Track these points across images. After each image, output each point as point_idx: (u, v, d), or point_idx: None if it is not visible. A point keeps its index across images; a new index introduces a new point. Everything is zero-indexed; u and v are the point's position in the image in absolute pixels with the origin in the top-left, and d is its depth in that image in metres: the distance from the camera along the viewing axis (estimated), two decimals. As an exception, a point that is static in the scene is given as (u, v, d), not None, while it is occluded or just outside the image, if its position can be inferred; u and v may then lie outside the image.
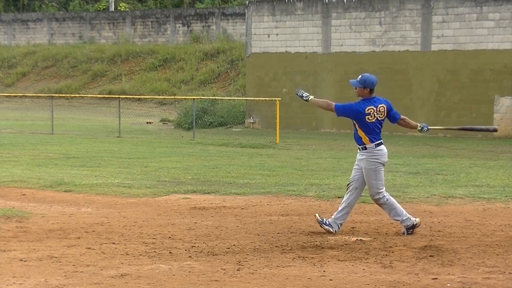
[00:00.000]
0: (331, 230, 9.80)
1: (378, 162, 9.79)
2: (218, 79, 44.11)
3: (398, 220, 9.83)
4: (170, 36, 50.68)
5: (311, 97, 10.15)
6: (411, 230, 9.79)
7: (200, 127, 30.33)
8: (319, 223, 9.90)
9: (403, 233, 9.80)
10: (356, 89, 9.97)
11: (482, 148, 23.84)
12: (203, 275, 7.68)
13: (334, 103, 10.01)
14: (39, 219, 10.73)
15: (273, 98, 27.77)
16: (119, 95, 37.16)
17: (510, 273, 7.86)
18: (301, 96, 10.14)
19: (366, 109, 9.79)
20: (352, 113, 9.84)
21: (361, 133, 9.82)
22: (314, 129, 31.02)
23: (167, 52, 47.93)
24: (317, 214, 10.07)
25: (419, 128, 10.31)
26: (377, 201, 9.88)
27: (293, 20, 31.71)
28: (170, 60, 47.38)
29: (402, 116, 10.11)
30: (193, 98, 30.37)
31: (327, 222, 9.86)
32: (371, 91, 9.93)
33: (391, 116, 9.95)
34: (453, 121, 28.68)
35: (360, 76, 9.99)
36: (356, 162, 10.03)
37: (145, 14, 52.35)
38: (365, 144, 9.80)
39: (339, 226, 9.88)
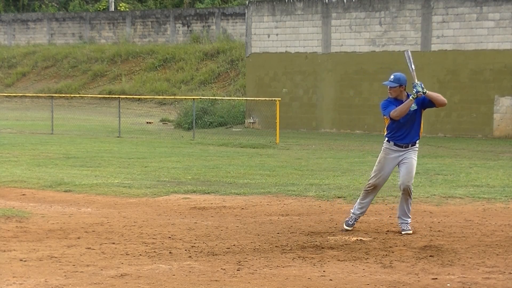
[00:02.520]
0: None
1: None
2: (218, 79, 44.12)
3: (408, 214, 9.91)
4: (170, 36, 50.69)
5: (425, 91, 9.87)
6: (407, 226, 9.85)
7: (200, 127, 30.34)
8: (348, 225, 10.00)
9: (402, 231, 9.83)
10: (392, 88, 9.93)
11: (482, 148, 23.83)
12: (203, 275, 7.68)
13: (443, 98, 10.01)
14: (39, 219, 10.72)
15: (273, 98, 27.78)
16: (119, 95, 37.17)
17: (510, 273, 7.86)
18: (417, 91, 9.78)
19: None
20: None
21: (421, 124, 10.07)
22: (314, 129, 31.02)
23: (167, 52, 47.94)
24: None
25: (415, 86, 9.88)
26: (410, 189, 9.91)
27: (293, 20, 31.71)
28: (170, 60, 47.39)
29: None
30: (193, 98, 30.38)
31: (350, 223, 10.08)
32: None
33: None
34: (453, 121, 28.70)
35: (393, 76, 9.97)
36: (394, 161, 9.98)
37: (145, 14, 52.36)
38: (420, 136, 10.07)
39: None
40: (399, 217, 10.00)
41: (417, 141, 10.05)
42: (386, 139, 10.03)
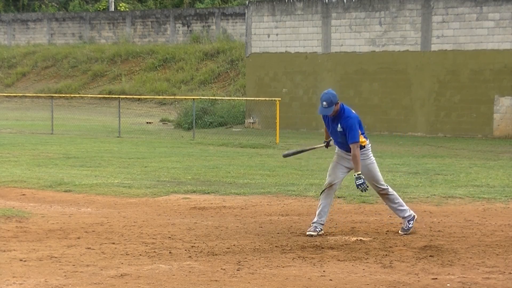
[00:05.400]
0: (317, 231, 9.78)
1: (372, 156, 9.93)
2: (218, 79, 44.12)
3: (402, 211, 9.85)
4: (170, 36, 50.68)
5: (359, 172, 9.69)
6: (411, 222, 9.81)
7: (200, 127, 30.34)
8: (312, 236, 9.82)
9: (402, 232, 9.82)
10: (333, 111, 9.66)
11: (482, 148, 23.83)
12: (203, 275, 7.68)
13: (357, 144, 9.61)
14: (39, 219, 10.72)
15: (273, 98, 27.77)
16: (119, 95, 37.17)
17: (510, 273, 7.86)
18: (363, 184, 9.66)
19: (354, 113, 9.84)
20: (359, 124, 9.75)
21: (360, 136, 9.76)
22: (314, 129, 31.00)
23: (167, 52, 47.94)
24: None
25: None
26: (385, 192, 9.83)
27: (293, 20, 31.71)
28: (170, 60, 47.38)
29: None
30: (193, 98, 30.38)
31: (312, 229, 9.85)
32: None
33: None
34: (453, 121, 28.69)
35: (325, 102, 9.54)
36: (342, 164, 9.91)
37: (145, 14, 52.36)
38: (363, 145, 9.77)
39: (323, 223, 9.87)
40: (398, 208, 9.97)
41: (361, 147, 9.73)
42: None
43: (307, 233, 9.76)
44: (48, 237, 9.54)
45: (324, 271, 7.88)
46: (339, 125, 9.69)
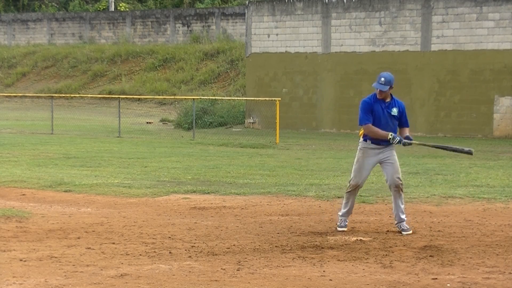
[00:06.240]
0: (346, 225, 10.03)
1: None
2: (218, 79, 44.12)
3: (404, 214, 9.97)
4: (170, 36, 50.69)
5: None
6: (406, 225, 9.90)
7: (200, 127, 30.34)
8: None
9: (405, 232, 9.84)
10: (383, 92, 9.80)
11: (482, 148, 23.81)
12: (203, 275, 7.68)
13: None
14: (39, 219, 10.72)
15: (273, 98, 27.78)
16: (119, 95, 37.17)
17: (510, 273, 7.86)
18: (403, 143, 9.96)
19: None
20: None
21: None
22: (314, 129, 31.02)
23: (167, 52, 47.95)
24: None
25: (390, 137, 9.83)
26: (402, 188, 10.01)
27: (293, 20, 31.71)
28: (170, 60, 47.39)
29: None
30: (193, 98, 30.38)
31: (343, 224, 10.07)
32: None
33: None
34: (453, 121, 28.69)
35: (383, 78, 9.73)
36: (369, 161, 9.95)
37: (145, 14, 52.36)
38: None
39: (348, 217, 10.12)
40: (396, 216, 10.01)
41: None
42: (362, 139, 10.00)
43: (339, 229, 9.95)
44: (48, 237, 9.54)
45: (324, 271, 7.88)
46: (394, 109, 9.86)
